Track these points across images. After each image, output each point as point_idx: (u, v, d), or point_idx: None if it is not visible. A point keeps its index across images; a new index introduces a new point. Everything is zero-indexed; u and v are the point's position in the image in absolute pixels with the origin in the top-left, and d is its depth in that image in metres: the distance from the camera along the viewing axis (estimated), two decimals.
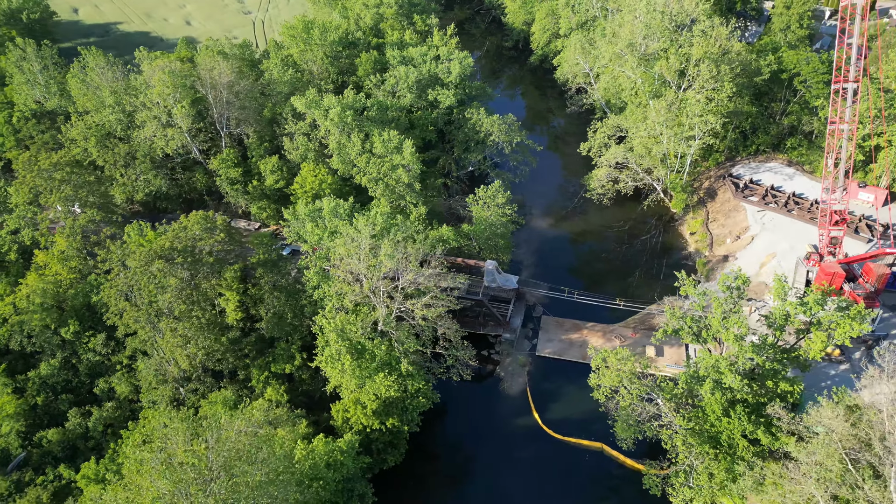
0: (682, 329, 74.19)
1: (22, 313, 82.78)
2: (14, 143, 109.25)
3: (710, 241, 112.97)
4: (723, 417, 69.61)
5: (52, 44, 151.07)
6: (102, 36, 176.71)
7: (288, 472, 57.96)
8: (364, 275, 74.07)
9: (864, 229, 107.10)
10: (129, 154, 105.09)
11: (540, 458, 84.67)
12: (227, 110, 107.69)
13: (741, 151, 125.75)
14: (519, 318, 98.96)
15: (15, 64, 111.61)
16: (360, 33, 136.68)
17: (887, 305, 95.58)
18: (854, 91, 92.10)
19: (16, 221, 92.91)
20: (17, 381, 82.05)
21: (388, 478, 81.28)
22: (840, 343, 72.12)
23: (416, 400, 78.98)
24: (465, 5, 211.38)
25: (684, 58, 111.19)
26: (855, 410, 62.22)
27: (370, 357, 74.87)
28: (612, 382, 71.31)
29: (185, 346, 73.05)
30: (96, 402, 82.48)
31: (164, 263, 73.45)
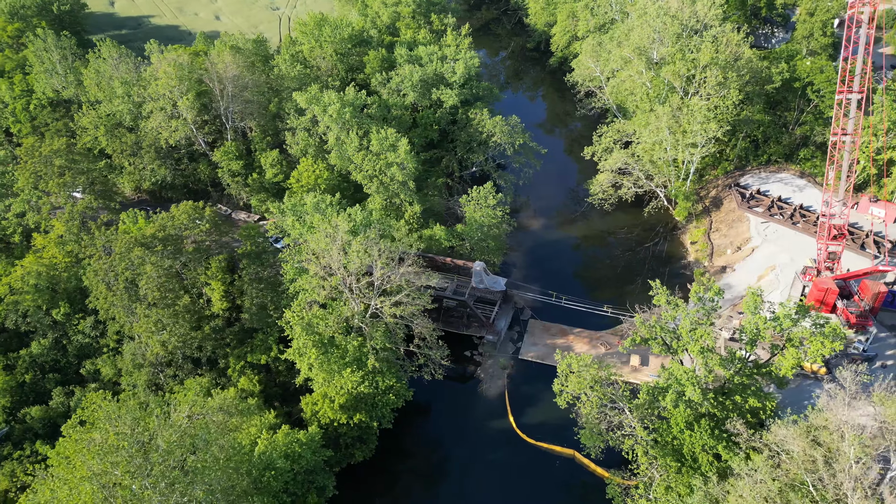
0: (652, 339, 73.01)
1: (17, 293, 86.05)
2: (30, 129, 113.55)
3: (711, 251, 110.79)
4: (686, 430, 68.48)
5: (84, 35, 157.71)
6: (134, 28, 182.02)
7: (236, 460, 59.08)
8: (336, 270, 74.89)
9: (870, 245, 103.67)
10: (136, 144, 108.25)
11: (511, 462, 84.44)
12: (231, 104, 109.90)
13: (751, 161, 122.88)
14: (504, 320, 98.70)
15: (35, 53, 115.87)
16: (374, 31, 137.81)
17: (886, 325, 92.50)
18: (858, 102, 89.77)
19: (21, 205, 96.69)
20: (9, 359, 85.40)
21: (357, 472, 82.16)
22: (813, 361, 70.13)
23: (387, 397, 79.59)
24: (493, 6, 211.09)
25: (692, 63, 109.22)
26: (811, 431, 60.41)
27: (339, 352, 75.71)
28: (575, 389, 70.71)
29: (159, 333, 75.00)
30: (82, 382, 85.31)
31: (143, 250, 75.56)
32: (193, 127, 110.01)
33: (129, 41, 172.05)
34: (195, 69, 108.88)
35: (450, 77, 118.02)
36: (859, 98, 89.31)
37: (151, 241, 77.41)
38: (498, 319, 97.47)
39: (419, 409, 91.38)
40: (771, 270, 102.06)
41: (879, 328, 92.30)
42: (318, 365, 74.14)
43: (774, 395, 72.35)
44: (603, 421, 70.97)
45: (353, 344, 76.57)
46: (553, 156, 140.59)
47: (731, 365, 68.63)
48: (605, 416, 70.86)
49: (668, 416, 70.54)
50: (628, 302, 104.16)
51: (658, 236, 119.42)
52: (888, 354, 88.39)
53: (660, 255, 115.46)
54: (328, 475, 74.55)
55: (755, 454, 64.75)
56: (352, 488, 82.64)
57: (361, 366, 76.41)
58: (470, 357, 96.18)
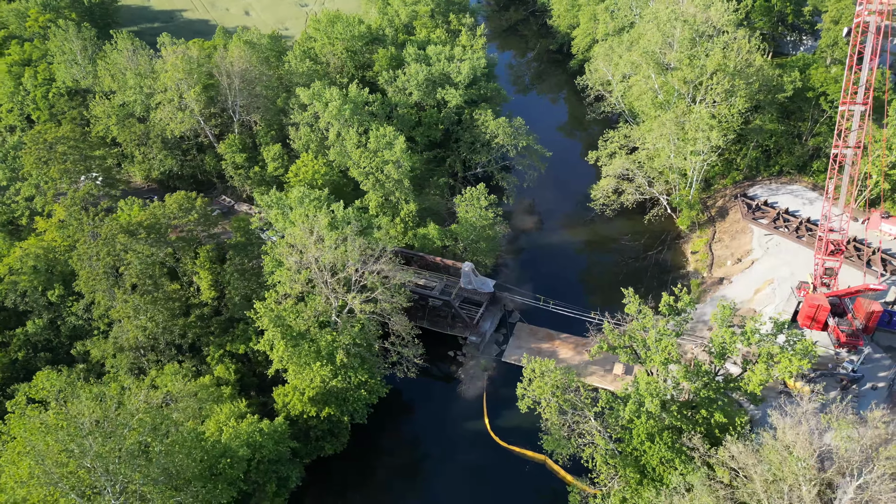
0: (620, 348, 72.06)
1: (15, 274, 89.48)
2: (48, 116, 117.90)
3: (711, 261, 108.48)
4: (646, 442, 67.44)
5: (115, 27, 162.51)
6: (167, 22, 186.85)
7: (187, 446, 60.46)
8: (309, 263, 75.87)
9: (877, 263, 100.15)
10: (145, 134, 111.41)
11: (483, 464, 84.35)
12: (238, 97, 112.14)
13: (762, 171, 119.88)
14: (490, 322, 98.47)
15: (56, 44, 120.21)
16: (389, 30, 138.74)
17: (882, 346, 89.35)
18: (862, 114, 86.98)
19: (29, 189, 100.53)
20: (5, 336, 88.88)
21: (329, 465, 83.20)
22: (782, 378, 68.23)
23: (359, 392, 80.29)
24: (521, 7, 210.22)
25: (700, 70, 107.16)
26: (760, 450, 58.84)
27: (313, 346, 76.57)
28: (537, 394, 70.28)
29: (136, 318, 77.16)
30: (73, 362, 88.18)
31: (127, 237, 77.85)
32: (201, 119, 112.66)
33: (159, 34, 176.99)
34: (204, 63, 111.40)
35: (455, 77, 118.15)
36: (863, 110, 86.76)
37: (136, 229, 79.64)
38: (483, 321, 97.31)
39: (398, 406, 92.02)
40: (769, 284, 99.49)
41: (875, 349, 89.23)
42: (288, 357, 75.26)
43: (744, 412, 70.71)
44: (564, 427, 70.37)
45: (326, 338, 77.49)
46: (567, 159, 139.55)
47: (697, 378, 67.30)
48: (565, 423, 70.26)
49: (632, 426, 69.58)
50: (621, 310, 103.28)
51: (661, 244, 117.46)
52: (880, 376, 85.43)
53: (661, 264, 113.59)
54: (293, 466, 75.64)
55: (721, 470, 63.53)
56: (322, 481, 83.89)
57: (333, 360, 77.25)
58: (453, 357, 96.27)
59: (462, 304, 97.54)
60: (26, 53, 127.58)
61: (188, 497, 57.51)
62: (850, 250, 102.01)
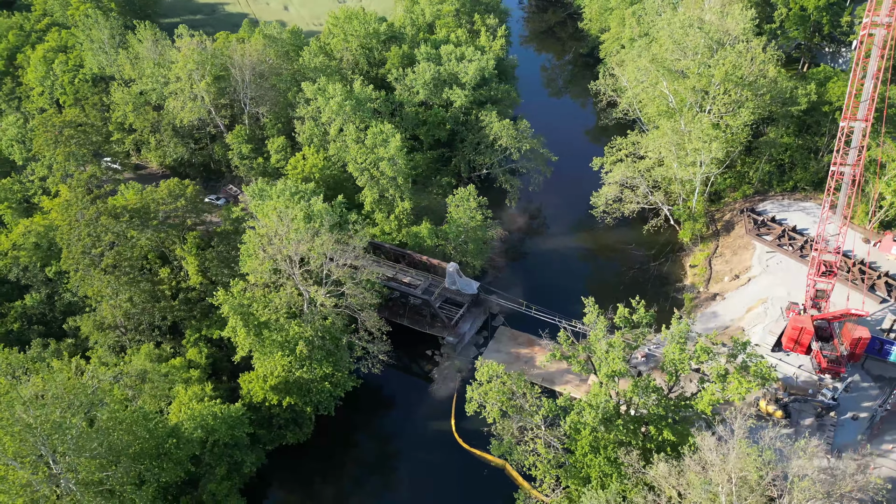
0: (571, 357, 71.02)
1: (17, 249, 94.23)
2: (73, 101, 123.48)
3: (709, 276, 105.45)
4: (589, 454, 66.40)
5: (155, 18, 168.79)
6: (209, 14, 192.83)
7: (126, 424, 62.69)
8: (273, 254, 77.39)
9: (881, 287, 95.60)
10: (157, 121, 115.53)
11: (443, 465, 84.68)
12: (248, 89, 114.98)
13: (775, 186, 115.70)
14: (470, 324, 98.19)
15: (84, 32, 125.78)
16: (409, 28, 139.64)
17: (872, 375, 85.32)
18: (862, 131, 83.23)
19: (43, 169, 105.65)
20: (4, 308, 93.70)
21: (293, 453, 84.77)
22: (732, 400, 65.98)
23: (323, 385, 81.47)
24: (560, 9, 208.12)
25: (707, 79, 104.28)
26: (682, 472, 57.08)
27: (279, 336, 77.85)
28: (482, 397, 70.02)
29: (114, 298, 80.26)
30: (64, 337, 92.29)
31: (109, 219, 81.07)
32: (212, 109, 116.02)
33: (200, 26, 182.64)
34: (218, 55, 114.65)
35: (462, 78, 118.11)
36: (864, 127, 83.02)
37: (121, 212, 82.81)
38: (463, 322, 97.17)
39: (371, 400, 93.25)
40: (762, 303, 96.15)
41: (864, 377, 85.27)
42: (249, 345, 77.03)
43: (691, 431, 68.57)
44: (507, 432, 69.94)
45: (292, 329, 78.81)
46: (581, 165, 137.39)
47: (645, 393, 65.81)
48: (507, 429, 69.83)
49: (578, 437, 68.57)
50: (611, 320, 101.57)
51: (663, 256, 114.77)
52: (864, 406, 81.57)
53: (660, 276, 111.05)
54: (249, 452, 77.33)
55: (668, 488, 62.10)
56: (288, 468, 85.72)
57: (291, 351, 78.28)
58: (430, 356, 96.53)
59: (444, 304, 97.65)
60: (62, 40, 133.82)
61: (119, 471, 59.55)
62: (854, 273, 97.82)
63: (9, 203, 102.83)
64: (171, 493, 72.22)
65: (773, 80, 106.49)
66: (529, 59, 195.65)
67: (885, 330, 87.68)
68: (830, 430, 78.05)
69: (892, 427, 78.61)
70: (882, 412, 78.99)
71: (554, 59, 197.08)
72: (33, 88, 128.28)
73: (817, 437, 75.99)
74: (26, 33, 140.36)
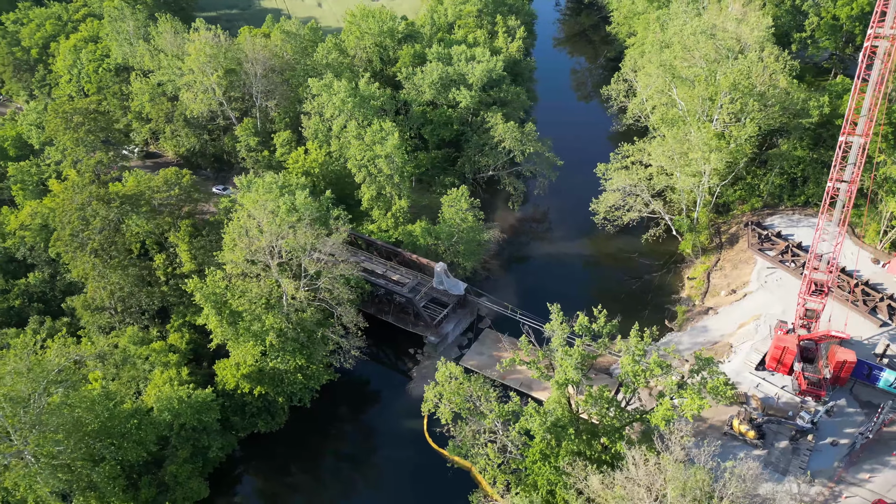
0: (531, 363, 70.37)
1: (24, 229, 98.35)
2: (96, 89, 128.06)
3: (706, 290, 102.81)
4: (539, 461, 65.77)
5: (189, 12, 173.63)
6: (245, 9, 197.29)
7: (86, 403, 64.99)
8: (247, 245, 78.85)
9: (882, 310, 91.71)
10: (171, 112, 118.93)
11: (412, 462, 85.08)
12: (258, 83, 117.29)
13: (786, 200, 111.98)
14: (454, 324, 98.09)
15: (111, 23, 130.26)
16: (427, 28, 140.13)
17: (861, 400, 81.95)
18: (861, 147, 79.96)
19: (57, 154, 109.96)
20: (9, 285, 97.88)
21: (265, 441, 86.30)
22: (686, 416, 64.29)
23: (295, 376, 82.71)
24: (593, 12, 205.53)
25: (714, 88, 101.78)
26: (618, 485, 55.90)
27: (255, 325, 79.29)
28: (436, 398, 70.06)
29: (99, 280, 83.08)
30: (62, 315, 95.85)
31: (100, 204, 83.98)
32: (224, 101, 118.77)
33: (235, 21, 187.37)
34: (231, 49, 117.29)
35: (469, 78, 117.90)
36: (862, 142, 79.75)
37: (112, 197, 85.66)
38: (447, 322, 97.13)
39: (352, 394, 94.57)
40: (754, 320, 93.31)
41: (851, 403, 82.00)
42: (222, 334, 78.73)
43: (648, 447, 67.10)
44: (462, 434, 69.87)
45: (269, 319, 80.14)
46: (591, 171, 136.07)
47: (598, 404, 64.80)
48: (463, 431, 69.69)
49: (532, 443, 68.01)
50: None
51: (665, 267, 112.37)
52: (846, 432, 78.39)
53: (657, 287, 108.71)
54: (218, 437, 79.02)
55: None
56: (258, 456, 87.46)
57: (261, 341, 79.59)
58: (413, 354, 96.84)
59: (430, 304, 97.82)
60: (94, 31, 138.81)
61: (71, 445, 61.75)
62: (856, 294, 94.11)
63: (24, 185, 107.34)
64: (135, 473, 74.41)
65: (784, 91, 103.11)
66: (561, 62, 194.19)
67: (879, 355, 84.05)
68: (805, 454, 75.29)
69: (872, 455, 75.43)
70: (862, 440, 75.85)
71: (585, 63, 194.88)
72: (62, 76, 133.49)
73: (791, 461, 74.18)
74: (63, 23, 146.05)
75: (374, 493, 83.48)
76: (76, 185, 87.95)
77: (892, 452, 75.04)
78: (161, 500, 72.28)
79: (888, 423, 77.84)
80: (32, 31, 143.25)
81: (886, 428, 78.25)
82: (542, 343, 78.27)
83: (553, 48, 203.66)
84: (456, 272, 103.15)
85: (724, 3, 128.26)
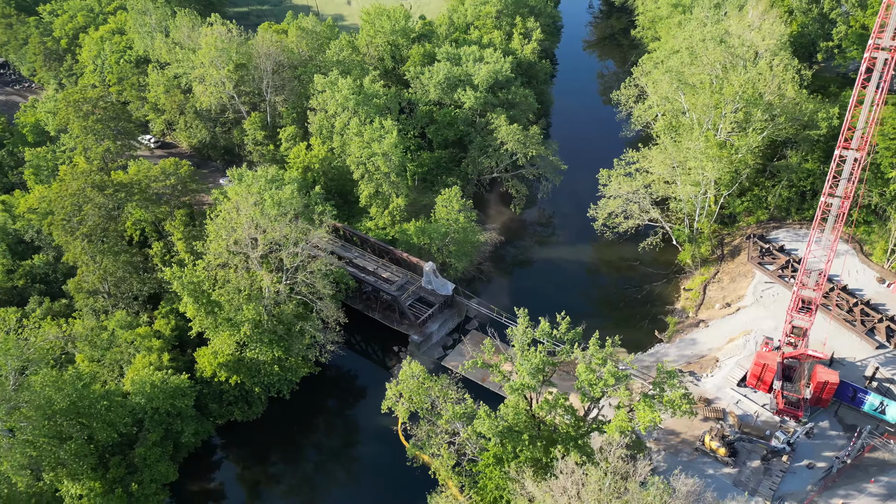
0: (493, 367, 69.95)
1: (32, 213, 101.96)
2: (116, 80, 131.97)
3: (700, 301, 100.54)
4: (490, 466, 65.39)
5: (220, 6, 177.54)
6: (276, 5, 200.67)
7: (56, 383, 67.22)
8: (226, 235, 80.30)
9: (880, 332, 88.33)
10: (183, 104, 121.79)
11: (385, 458, 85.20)
12: (269, 79, 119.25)
13: (794, 214, 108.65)
14: (439, 324, 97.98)
15: (135, 17, 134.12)
16: (443, 27, 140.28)
17: (845, 423, 79.11)
18: (855, 161, 77.19)
19: (71, 141, 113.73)
20: (15, 265, 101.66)
21: (242, 430, 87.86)
22: (641, 429, 63.05)
23: (271, 367, 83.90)
24: (624, 15, 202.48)
25: (718, 96, 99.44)
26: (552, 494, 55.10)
27: (223, 314, 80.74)
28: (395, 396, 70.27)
29: (88, 265, 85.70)
30: (62, 296, 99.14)
31: (94, 190, 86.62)
32: (235, 95, 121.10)
33: (264, 16, 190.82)
34: (243, 43, 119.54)
35: (475, 79, 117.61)
36: (857, 157, 77.00)
37: (106, 184, 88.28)
38: (432, 322, 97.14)
39: (335, 387, 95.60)
40: (744, 335, 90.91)
41: (834, 425, 79.19)
42: (200, 322, 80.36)
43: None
44: (418, 433, 69.97)
45: (247, 311, 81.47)
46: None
47: (552, 411, 64.12)
48: (419, 429, 69.80)
49: (488, 447, 67.62)
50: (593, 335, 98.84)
51: (664, 276, 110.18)
52: (824, 455, 75.73)
53: (654, 297, 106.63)
54: (192, 423, 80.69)
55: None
56: (236, 443, 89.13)
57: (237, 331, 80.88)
58: (396, 352, 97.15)
59: (417, 303, 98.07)
60: (121, 23, 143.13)
61: (35, 422, 63.94)
62: (856, 314, 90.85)
63: (38, 171, 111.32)
64: (108, 452, 76.53)
65: (792, 101, 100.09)
66: (589, 65, 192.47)
67: (867, 377, 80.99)
68: (778, 475, 73.04)
69: (849, 481, 72.75)
70: (839, 464, 73.20)
71: (612, 66, 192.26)
72: (86, 66, 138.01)
73: (761, 481, 72.19)
74: (94, 15, 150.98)
75: (349, 484, 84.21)
76: (75, 171, 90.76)
77: (870, 479, 72.27)
78: (129, 480, 74.15)
79: (870, 449, 74.95)
80: (65, 21, 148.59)
81: (869, 454, 75.39)
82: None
83: (582, 51, 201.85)
84: (448, 272, 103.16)
85: (744, 9, 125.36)
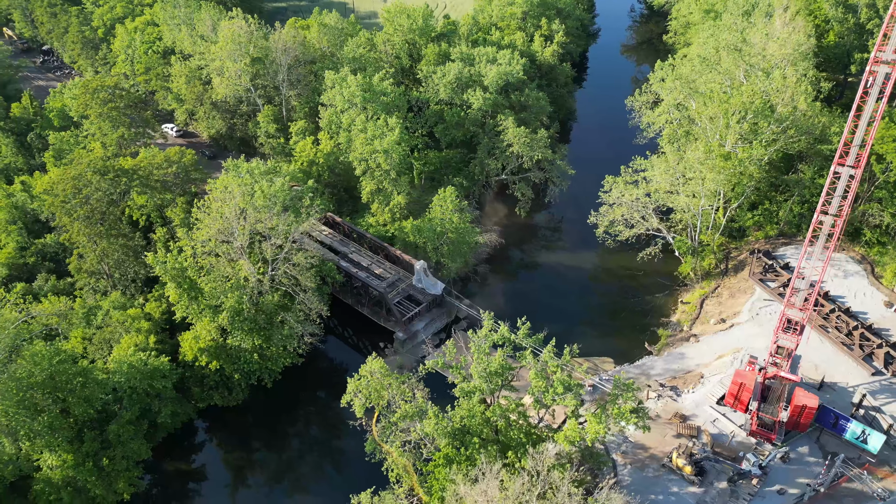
0: (453, 368, 69.76)
1: (47, 194, 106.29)
2: (144, 70, 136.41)
3: (696, 316, 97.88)
4: (440, 466, 65.24)
5: (258, 3, 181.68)
6: (313, 1, 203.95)
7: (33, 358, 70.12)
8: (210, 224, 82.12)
9: (878, 357, 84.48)
10: (202, 95, 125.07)
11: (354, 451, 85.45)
12: (284, 73, 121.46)
13: (804, 230, 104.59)
14: (425, 323, 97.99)
15: (164, 9, 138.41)
16: (464, 27, 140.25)
17: (827, 450, 75.99)
18: (850, 178, 74.00)
19: (92, 127, 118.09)
20: (28, 242, 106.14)
21: (223, 415, 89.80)
22: (591, 443, 61.78)
23: (251, 356, 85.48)
24: (663, 20, 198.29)
25: (725, 106, 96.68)
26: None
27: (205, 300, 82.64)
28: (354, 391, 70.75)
29: (85, 247, 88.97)
30: (67, 275, 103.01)
31: (95, 175, 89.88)
32: (252, 87, 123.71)
33: (301, 12, 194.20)
34: (260, 38, 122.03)
35: (485, 80, 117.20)
36: (852, 173, 73.77)
37: (108, 169, 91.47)
38: (418, 320, 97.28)
39: (320, 379, 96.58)
40: (734, 352, 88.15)
41: (814, 452, 76.14)
42: (182, 308, 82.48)
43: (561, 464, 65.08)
44: (375, 429, 70.23)
45: (230, 298, 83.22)
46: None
47: (499, 414, 63.62)
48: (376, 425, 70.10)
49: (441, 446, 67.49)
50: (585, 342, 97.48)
51: (668, 288, 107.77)
52: (798, 482, 72.86)
53: (652, 309, 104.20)
54: (170, 404, 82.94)
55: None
56: (218, 428, 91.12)
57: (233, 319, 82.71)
58: (382, 348, 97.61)
59: (406, 300, 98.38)
60: (155, 15, 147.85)
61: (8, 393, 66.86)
62: (854, 337, 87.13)
63: (59, 154, 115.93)
64: (85, 427, 79.24)
65: (804, 114, 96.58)
66: (626, 69, 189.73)
67: (854, 405, 77.56)
68: (745, 498, 70.64)
69: None
70: (811, 492, 70.33)
71: (648, 70, 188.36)
72: (118, 56, 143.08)
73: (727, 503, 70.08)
74: (132, 6, 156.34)
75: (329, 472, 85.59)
76: (82, 156, 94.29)
77: None
78: (102, 454, 76.63)
79: (845, 480, 71.79)
80: (104, 11, 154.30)
81: (846, 484, 72.23)
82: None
83: (620, 55, 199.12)
84: (441, 272, 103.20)
85: (773, 18, 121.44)
